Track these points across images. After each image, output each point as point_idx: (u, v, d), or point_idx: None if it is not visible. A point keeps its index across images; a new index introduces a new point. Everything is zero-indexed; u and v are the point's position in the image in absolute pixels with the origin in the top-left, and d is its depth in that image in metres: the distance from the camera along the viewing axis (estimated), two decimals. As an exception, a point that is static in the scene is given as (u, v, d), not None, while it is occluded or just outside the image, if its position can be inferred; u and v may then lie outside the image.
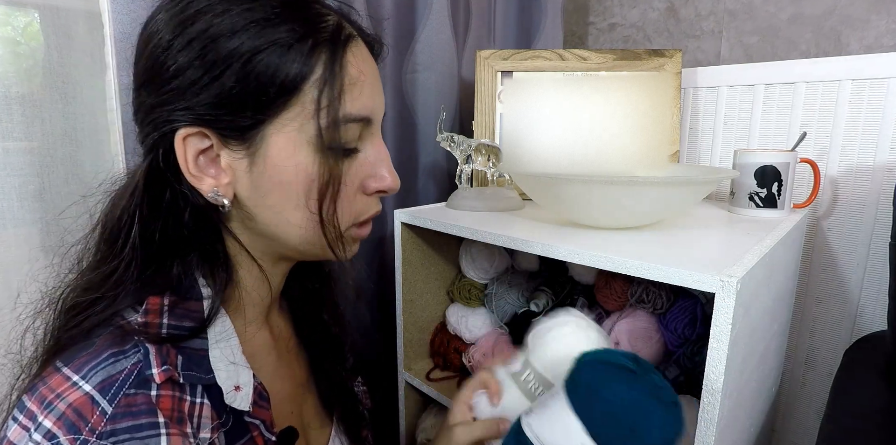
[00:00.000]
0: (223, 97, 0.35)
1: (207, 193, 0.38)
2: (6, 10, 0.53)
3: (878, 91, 0.75)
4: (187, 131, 0.36)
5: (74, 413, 0.31)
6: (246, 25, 0.34)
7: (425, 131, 0.91)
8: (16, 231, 0.54)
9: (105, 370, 0.33)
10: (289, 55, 0.35)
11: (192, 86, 0.35)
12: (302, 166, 0.37)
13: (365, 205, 0.44)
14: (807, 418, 0.89)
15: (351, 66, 0.38)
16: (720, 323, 0.42)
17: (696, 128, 0.93)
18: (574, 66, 0.86)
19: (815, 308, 0.86)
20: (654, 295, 0.72)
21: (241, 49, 0.34)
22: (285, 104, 0.36)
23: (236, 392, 0.39)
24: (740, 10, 0.93)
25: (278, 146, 0.37)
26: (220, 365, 0.38)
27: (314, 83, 0.36)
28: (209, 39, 0.34)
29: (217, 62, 0.34)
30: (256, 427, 0.40)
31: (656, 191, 0.54)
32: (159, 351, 0.35)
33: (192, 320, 0.38)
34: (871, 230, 0.78)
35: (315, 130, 0.37)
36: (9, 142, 0.53)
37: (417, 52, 0.88)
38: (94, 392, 0.32)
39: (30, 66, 0.54)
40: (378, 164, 0.43)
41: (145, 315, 0.36)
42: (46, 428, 0.31)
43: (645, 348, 0.69)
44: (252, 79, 0.35)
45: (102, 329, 0.36)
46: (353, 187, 0.41)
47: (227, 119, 0.36)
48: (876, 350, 0.72)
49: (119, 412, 0.32)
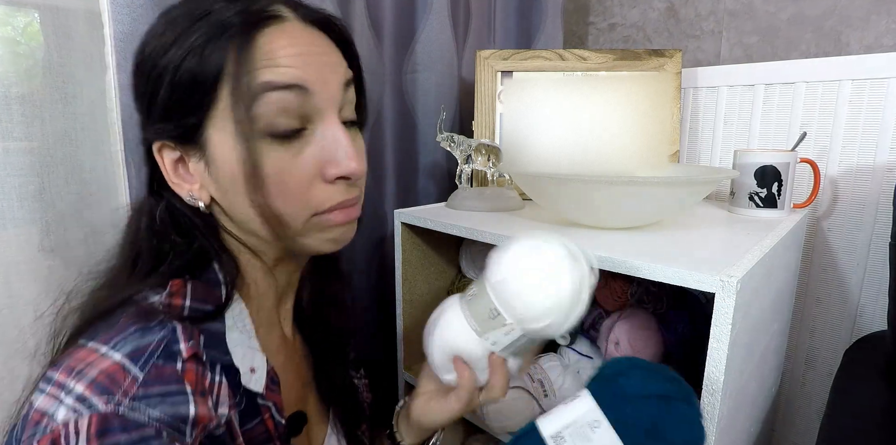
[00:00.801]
0: (166, 109, 0.38)
1: (186, 197, 0.41)
2: (6, 10, 0.53)
3: (878, 91, 0.75)
4: (157, 145, 0.40)
5: (107, 378, 0.32)
6: (171, 42, 0.37)
7: (425, 131, 0.91)
8: (16, 231, 0.53)
9: (134, 341, 0.34)
10: (203, 56, 0.36)
11: (149, 104, 0.39)
12: (237, 160, 0.38)
13: (326, 194, 0.41)
14: (807, 418, 0.89)
15: (265, 46, 0.37)
16: (720, 323, 0.42)
17: (696, 128, 0.93)
18: (574, 65, 0.86)
19: (815, 308, 0.86)
20: (654, 295, 0.72)
21: (168, 63, 0.37)
22: (212, 101, 0.37)
23: (251, 374, 0.41)
24: (740, 10, 0.93)
25: (220, 144, 0.38)
26: (236, 347, 0.40)
27: (229, 74, 0.36)
28: (151, 63, 0.38)
29: (157, 80, 0.38)
30: (268, 410, 0.42)
31: (656, 191, 0.54)
32: (185, 329, 0.37)
33: (213, 303, 0.40)
34: (871, 230, 0.78)
35: (239, 119, 0.37)
36: (9, 142, 0.52)
37: (417, 52, 0.88)
38: (125, 359, 0.33)
39: (30, 66, 0.54)
40: (334, 148, 0.40)
41: (169, 296, 0.38)
42: (79, 393, 0.32)
43: (645, 348, 0.69)
44: (179, 86, 0.37)
45: (124, 308, 0.37)
46: (305, 175, 0.39)
47: (174, 128, 0.39)
48: (876, 350, 0.72)
49: (150, 378, 0.33)
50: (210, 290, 0.41)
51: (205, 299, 0.40)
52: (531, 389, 0.69)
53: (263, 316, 0.47)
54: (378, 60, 0.83)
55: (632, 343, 0.69)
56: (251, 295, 0.45)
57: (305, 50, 0.39)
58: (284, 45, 0.38)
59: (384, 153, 0.86)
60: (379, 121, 0.85)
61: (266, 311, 0.47)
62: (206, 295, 0.40)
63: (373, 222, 0.87)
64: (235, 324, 0.41)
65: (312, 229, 0.42)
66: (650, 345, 0.69)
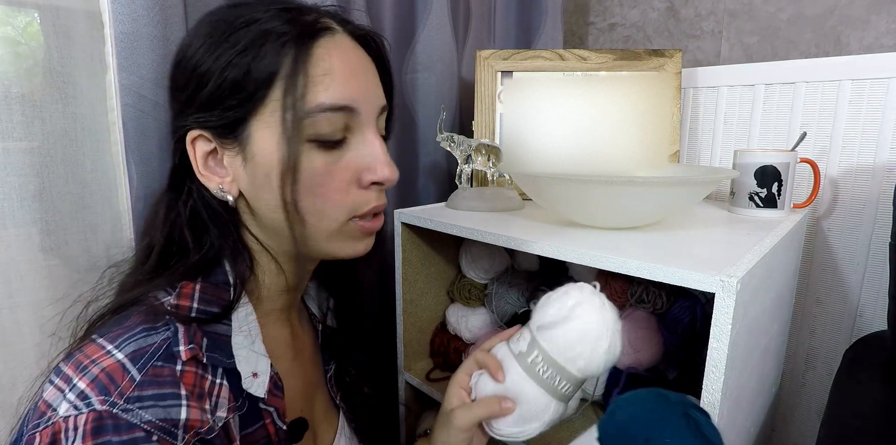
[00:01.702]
0: (211, 99, 0.39)
1: (214, 190, 0.42)
2: (6, 10, 0.53)
3: (878, 91, 0.75)
4: (192, 135, 0.41)
5: (107, 377, 0.34)
6: (222, 40, 0.39)
7: (425, 131, 0.91)
8: (16, 231, 0.53)
9: (137, 342, 0.36)
10: (260, 54, 0.38)
11: (192, 94, 0.40)
12: (280, 160, 0.39)
13: (362, 198, 0.43)
14: (807, 418, 0.89)
15: (321, 59, 0.39)
16: (720, 323, 0.42)
17: (696, 128, 0.93)
18: (574, 66, 0.86)
19: (815, 308, 0.86)
20: (654, 295, 0.72)
21: (219, 59, 0.38)
22: (262, 99, 0.39)
23: (254, 379, 0.41)
24: (740, 10, 0.93)
25: (263, 141, 0.39)
26: (241, 351, 0.41)
27: (284, 77, 0.38)
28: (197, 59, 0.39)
29: (205, 74, 0.39)
30: (269, 415, 0.42)
31: (656, 191, 0.54)
32: (187, 331, 0.38)
33: (219, 306, 0.41)
34: (871, 230, 0.78)
35: (288, 123, 0.38)
36: (9, 142, 0.52)
37: (417, 52, 0.88)
38: (126, 360, 0.35)
39: (30, 66, 0.54)
40: (371, 156, 0.43)
41: (178, 297, 0.40)
42: (80, 389, 0.33)
43: (645, 348, 0.69)
44: (230, 79, 0.38)
45: (137, 307, 0.39)
46: (343, 179, 0.42)
47: (215, 119, 0.39)
48: (876, 350, 0.72)
49: (146, 380, 0.34)
50: (219, 292, 0.42)
51: (212, 301, 0.41)
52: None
53: (272, 317, 0.47)
54: (378, 60, 0.83)
55: (632, 343, 0.69)
56: (262, 296, 0.45)
57: (356, 69, 0.41)
58: (338, 61, 0.40)
59: (384, 153, 0.86)
60: (379, 121, 0.85)
61: (276, 312, 0.48)
62: (215, 297, 0.41)
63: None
64: (241, 328, 0.42)
65: (345, 232, 0.43)
66: (650, 345, 0.69)
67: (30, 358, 0.55)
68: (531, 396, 0.46)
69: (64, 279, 0.56)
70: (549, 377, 0.45)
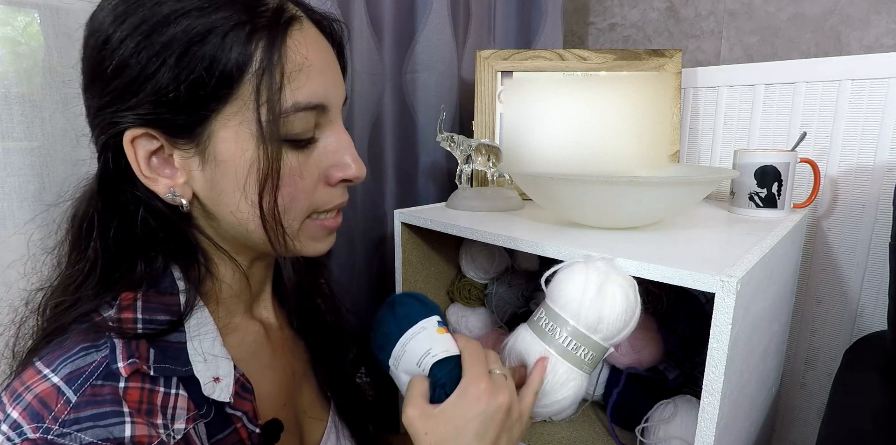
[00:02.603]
0: (162, 94, 0.34)
1: (164, 194, 0.37)
2: (6, 10, 0.53)
3: (878, 91, 0.75)
4: (133, 133, 0.35)
5: (39, 403, 0.32)
6: (178, 16, 0.33)
7: (425, 131, 0.91)
8: (16, 231, 0.53)
9: (74, 362, 0.33)
10: (224, 44, 0.33)
11: (131, 85, 0.34)
12: (251, 161, 0.36)
13: (327, 196, 0.41)
14: (807, 418, 0.89)
15: (293, 52, 0.36)
16: (720, 323, 0.42)
17: (696, 128, 0.93)
18: (574, 66, 0.86)
19: (815, 308, 0.86)
20: (654, 295, 0.72)
21: (174, 42, 0.33)
22: (227, 98, 0.35)
23: (215, 384, 0.39)
24: (740, 10, 0.93)
25: (226, 142, 0.36)
26: (197, 356, 0.38)
27: (254, 74, 0.34)
28: (142, 34, 0.33)
29: (152, 58, 0.33)
30: (239, 419, 0.40)
31: (656, 191, 0.54)
32: (127, 345, 0.35)
33: (168, 313, 0.38)
34: (871, 230, 0.78)
35: (259, 123, 0.35)
36: (9, 142, 0.52)
37: (417, 52, 0.88)
38: (61, 383, 0.32)
39: (30, 66, 0.54)
40: (340, 153, 0.41)
41: (119, 310, 0.36)
42: (13, 419, 0.31)
43: (645, 348, 0.69)
44: (188, 73, 0.33)
45: (78, 325, 0.36)
46: (312, 178, 0.40)
47: (169, 117, 0.34)
48: (876, 350, 0.72)
49: (83, 401, 0.32)
50: (164, 299, 0.38)
51: (158, 309, 0.37)
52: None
53: (236, 318, 0.45)
54: (378, 60, 0.83)
55: (632, 343, 0.69)
56: (221, 297, 0.43)
57: (325, 62, 0.39)
58: (309, 55, 0.37)
59: (384, 153, 0.86)
60: (379, 121, 0.85)
61: (239, 313, 0.46)
62: (161, 305, 0.38)
63: (373, 222, 0.87)
64: (198, 333, 0.39)
65: (307, 232, 0.42)
66: (650, 345, 0.69)
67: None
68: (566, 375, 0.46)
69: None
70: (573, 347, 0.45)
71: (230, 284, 0.43)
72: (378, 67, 0.83)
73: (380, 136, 0.85)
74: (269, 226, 0.38)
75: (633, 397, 0.68)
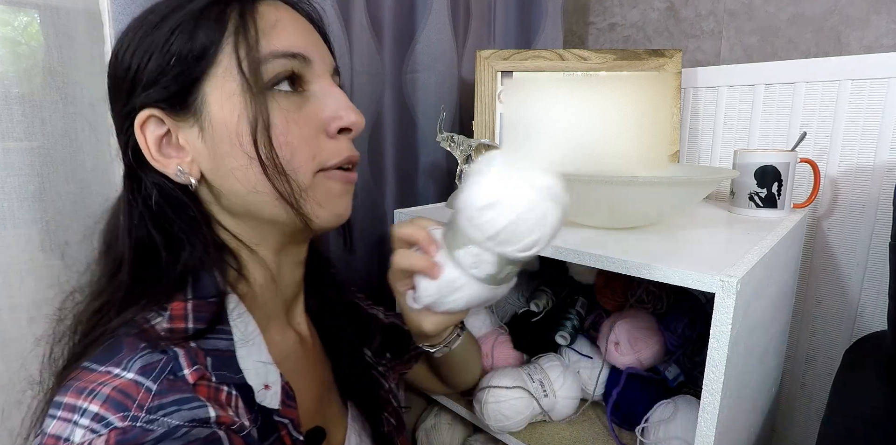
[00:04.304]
0: (156, 74, 0.37)
1: (173, 173, 0.39)
2: (6, 10, 0.53)
3: (878, 91, 0.75)
4: (141, 117, 0.38)
5: (120, 394, 0.32)
6: (160, 19, 0.38)
7: (425, 131, 0.91)
8: (16, 231, 0.53)
9: (143, 358, 0.34)
10: (203, 19, 0.37)
11: (133, 79, 0.38)
12: (241, 114, 0.37)
13: (333, 149, 0.42)
14: (807, 418, 0.89)
15: (267, 13, 0.39)
16: (720, 323, 0.42)
17: (696, 128, 0.93)
18: (574, 66, 0.86)
19: (815, 308, 0.86)
20: (654, 295, 0.72)
21: (160, 35, 0.37)
22: (213, 58, 0.37)
23: (266, 391, 0.40)
24: (740, 10, 0.93)
25: (219, 102, 0.38)
26: (247, 364, 0.39)
27: (232, 33, 0.37)
28: (139, 39, 0.38)
29: (145, 53, 0.37)
30: (284, 427, 0.41)
31: (656, 191, 0.54)
32: (188, 353, 0.35)
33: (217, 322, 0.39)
34: (871, 230, 0.78)
35: (242, 75, 0.37)
36: (9, 142, 0.52)
37: (417, 52, 0.88)
38: (137, 376, 0.33)
39: (30, 66, 0.54)
40: (333, 104, 0.42)
41: (170, 320, 0.37)
42: (94, 412, 0.31)
43: (645, 348, 0.69)
44: (174, 48, 0.37)
45: (126, 329, 0.36)
46: (310, 128, 0.40)
47: (164, 90, 0.37)
48: (876, 350, 0.72)
49: (164, 388, 0.32)
50: (212, 308, 0.39)
51: (207, 318, 0.38)
52: (531, 389, 0.69)
53: (274, 325, 0.46)
54: (378, 60, 0.83)
55: (632, 343, 0.69)
56: (258, 302, 0.44)
57: (301, 27, 0.41)
58: (284, 16, 0.40)
59: (384, 153, 0.86)
60: (379, 121, 0.85)
61: (276, 318, 0.47)
62: (209, 314, 0.39)
63: (373, 222, 0.87)
64: (244, 339, 0.40)
65: (320, 189, 0.41)
66: (650, 345, 0.69)
67: (30, 358, 0.55)
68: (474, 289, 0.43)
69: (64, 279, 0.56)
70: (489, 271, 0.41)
71: (262, 285, 0.44)
72: (378, 67, 0.83)
73: (380, 136, 0.85)
74: (272, 177, 0.38)
75: (633, 397, 0.68)
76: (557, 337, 0.76)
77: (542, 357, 0.75)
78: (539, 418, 0.70)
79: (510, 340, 0.79)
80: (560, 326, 0.76)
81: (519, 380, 0.69)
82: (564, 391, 0.70)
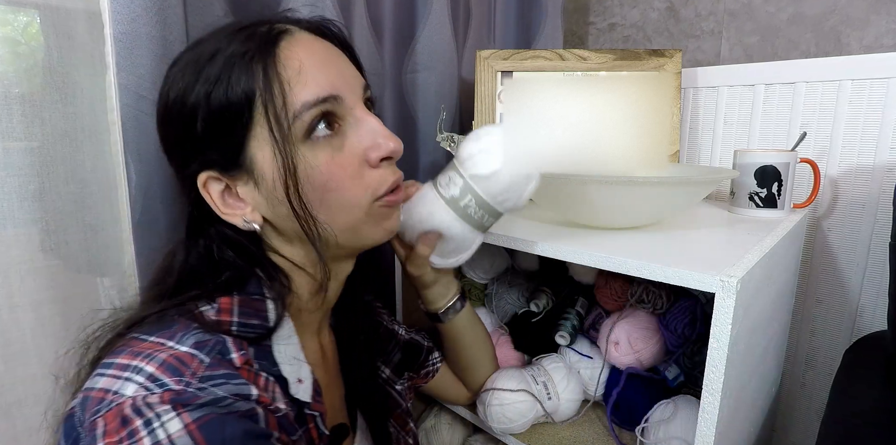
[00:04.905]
0: (206, 139, 0.40)
1: (240, 224, 0.43)
2: (6, 10, 0.53)
3: (878, 91, 0.75)
4: (202, 178, 0.41)
5: (177, 361, 0.34)
6: (194, 81, 0.39)
7: (425, 131, 0.91)
8: (16, 231, 0.53)
9: (196, 336, 0.36)
10: (232, 79, 0.38)
11: (186, 142, 0.41)
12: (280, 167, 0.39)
13: (379, 178, 0.44)
14: (807, 418, 0.89)
15: (288, 59, 0.39)
16: (720, 323, 0.42)
17: (696, 128, 0.93)
18: (574, 66, 0.86)
19: (815, 308, 0.86)
20: (654, 295, 0.72)
21: (197, 98, 0.39)
22: (250, 120, 0.39)
23: (299, 384, 0.42)
24: (740, 10, 0.93)
25: (265, 160, 0.40)
26: (283, 359, 0.42)
27: (261, 91, 0.39)
28: (178, 106, 0.40)
29: (190, 117, 0.40)
30: (313, 419, 0.43)
31: (656, 191, 0.54)
32: (235, 340, 0.38)
33: (259, 318, 0.41)
34: (871, 230, 0.78)
35: (276, 132, 0.39)
36: (9, 142, 0.52)
37: (417, 52, 0.88)
38: (191, 349, 0.35)
39: (30, 65, 0.54)
40: (371, 133, 0.43)
41: (218, 313, 0.39)
42: (149, 372, 0.33)
43: (645, 348, 0.69)
44: (214, 114, 0.39)
45: (178, 310, 0.39)
46: (353, 166, 0.42)
47: (216, 155, 0.40)
48: (876, 350, 0.72)
49: (215, 362, 0.35)
50: (256, 304, 0.42)
51: (252, 314, 0.41)
52: (535, 391, 0.68)
53: (305, 334, 0.48)
54: (378, 60, 0.83)
55: (632, 343, 0.69)
56: (301, 310, 0.46)
57: (324, 58, 0.42)
58: (305, 56, 0.40)
59: (384, 153, 0.86)
60: (379, 121, 0.85)
61: (308, 331, 0.49)
62: (253, 311, 0.41)
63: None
64: (282, 339, 0.42)
65: (373, 216, 0.44)
66: (650, 345, 0.69)
67: (30, 358, 0.55)
68: (463, 234, 0.52)
69: (64, 279, 0.56)
70: (479, 216, 0.51)
71: (307, 300, 0.47)
72: (378, 67, 0.83)
73: (380, 136, 0.85)
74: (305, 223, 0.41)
75: (633, 397, 0.68)
76: (557, 338, 0.75)
77: (545, 358, 0.75)
78: (542, 420, 0.70)
79: (511, 340, 0.79)
80: (560, 326, 0.76)
81: (523, 383, 0.69)
82: (568, 393, 0.70)
